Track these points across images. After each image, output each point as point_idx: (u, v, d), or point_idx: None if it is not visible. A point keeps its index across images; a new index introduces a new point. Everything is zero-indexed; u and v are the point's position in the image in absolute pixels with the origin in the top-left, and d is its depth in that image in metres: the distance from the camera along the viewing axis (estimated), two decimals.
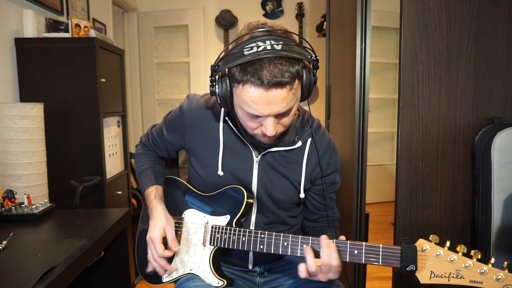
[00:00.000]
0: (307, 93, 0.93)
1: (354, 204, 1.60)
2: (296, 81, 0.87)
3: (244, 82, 0.85)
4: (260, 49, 0.83)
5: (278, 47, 0.83)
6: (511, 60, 1.34)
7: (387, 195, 3.99)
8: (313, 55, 0.90)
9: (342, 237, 0.93)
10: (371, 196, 3.91)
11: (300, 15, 4.08)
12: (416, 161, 1.37)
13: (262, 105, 0.86)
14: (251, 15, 4.20)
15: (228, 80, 0.90)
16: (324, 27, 3.75)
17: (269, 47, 0.83)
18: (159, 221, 1.06)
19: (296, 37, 0.91)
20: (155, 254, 1.04)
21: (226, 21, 4.09)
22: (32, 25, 1.98)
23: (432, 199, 1.38)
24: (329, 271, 0.89)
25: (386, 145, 4.21)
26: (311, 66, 0.92)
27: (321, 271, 0.90)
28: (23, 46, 1.96)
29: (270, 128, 0.90)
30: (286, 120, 0.93)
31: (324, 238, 0.90)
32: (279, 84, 0.83)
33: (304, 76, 0.89)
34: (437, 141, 1.36)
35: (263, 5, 4.20)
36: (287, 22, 4.17)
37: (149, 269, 1.09)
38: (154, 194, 1.13)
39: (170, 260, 1.10)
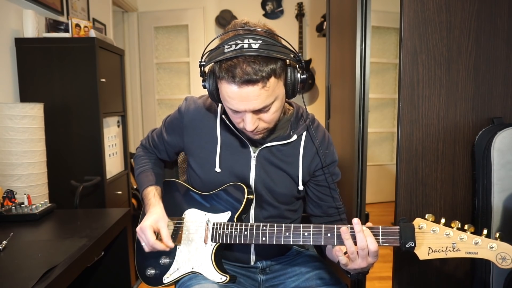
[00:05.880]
0: (292, 91, 0.95)
1: (354, 204, 1.60)
2: (272, 79, 0.89)
3: (221, 79, 0.89)
4: (237, 47, 0.86)
5: (255, 46, 0.86)
6: (511, 60, 1.34)
7: (387, 195, 3.99)
8: (297, 54, 0.92)
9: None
10: (371, 196, 3.91)
11: (300, 15, 4.07)
12: (416, 161, 1.37)
13: (238, 101, 0.90)
14: (251, 15, 4.19)
15: (213, 76, 0.93)
16: (324, 27, 3.75)
17: (246, 46, 0.86)
18: (154, 215, 1.06)
19: (282, 36, 0.93)
20: (148, 244, 1.02)
21: (226, 21, 4.08)
22: (32, 25, 1.98)
23: (432, 199, 1.38)
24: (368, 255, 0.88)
25: (386, 145, 4.21)
26: (297, 65, 0.93)
27: (359, 255, 0.88)
28: (23, 46, 1.96)
29: (249, 123, 0.93)
30: (267, 117, 0.95)
31: (357, 223, 0.88)
32: (249, 82, 0.86)
33: (288, 74, 0.92)
34: (437, 141, 1.36)
35: (263, 5, 4.20)
36: (287, 22, 4.17)
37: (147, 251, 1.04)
38: (153, 193, 1.13)
39: (171, 260, 1.11)
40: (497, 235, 0.83)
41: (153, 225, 1.03)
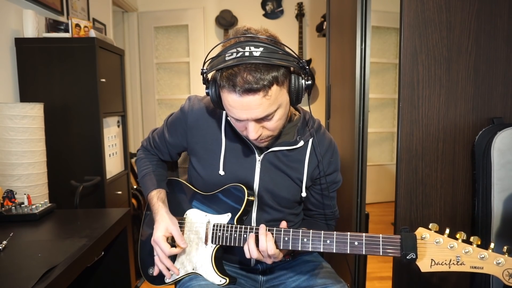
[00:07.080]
0: (296, 98, 0.94)
1: (354, 204, 1.60)
2: (274, 87, 0.87)
3: (222, 87, 0.88)
4: (238, 55, 0.85)
5: (257, 54, 0.84)
6: (511, 60, 1.33)
7: (387, 195, 3.99)
8: (300, 61, 0.91)
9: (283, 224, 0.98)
10: (371, 196, 3.91)
11: (300, 15, 4.08)
12: (416, 161, 1.37)
13: (239, 110, 0.89)
14: (251, 15, 4.20)
15: (215, 84, 0.92)
16: (324, 27, 3.75)
17: (247, 53, 0.84)
18: (162, 223, 1.06)
19: (284, 42, 0.92)
20: (161, 255, 1.04)
21: (226, 21, 4.09)
22: (32, 25, 1.97)
23: (432, 199, 1.38)
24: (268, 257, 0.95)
25: (386, 145, 4.21)
26: (301, 72, 0.92)
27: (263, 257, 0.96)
28: (23, 46, 1.96)
29: (251, 132, 0.92)
30: (271, 125, 0.94)
31: (262, 228, 0.96)
32: (250, 91, 0.85)
33: (292, 81, 0.91)
34: (437, 141, 1.36)
35: (263, 5, 4.20)
36: (287, 22, 4.17)
37: (155, 272, 1.08)
38: (156, 198, 1.13)
39: (173, 260, 1.10)
40: (505, 249, 0.80)
41: (165, 234, 1.04)
